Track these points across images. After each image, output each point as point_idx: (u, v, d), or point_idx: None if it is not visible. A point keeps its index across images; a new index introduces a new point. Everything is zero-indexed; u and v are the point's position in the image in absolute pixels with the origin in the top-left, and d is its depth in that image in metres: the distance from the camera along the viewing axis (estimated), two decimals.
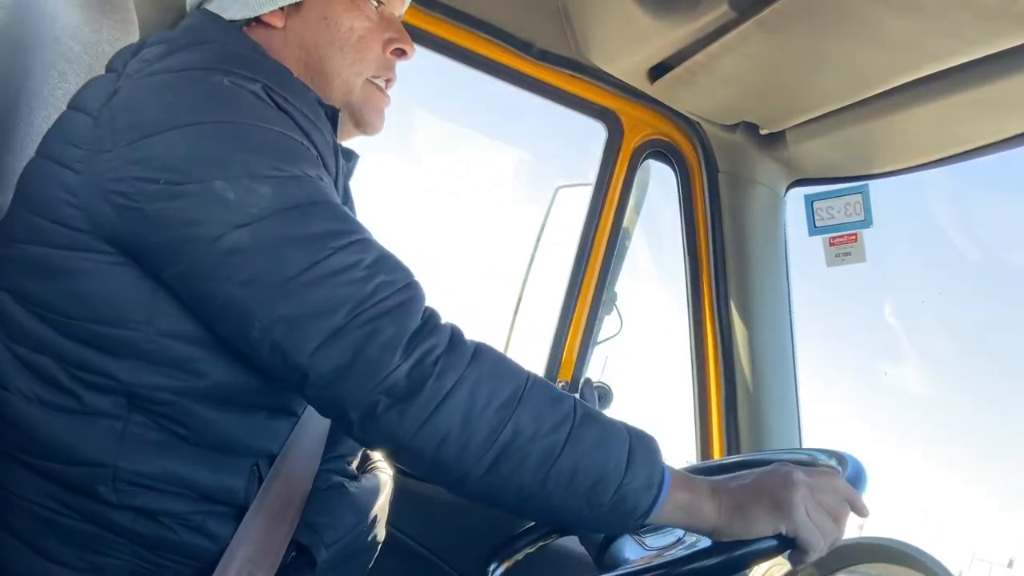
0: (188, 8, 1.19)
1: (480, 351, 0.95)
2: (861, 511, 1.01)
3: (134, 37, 1.40)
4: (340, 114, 1.15)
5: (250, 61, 1.05)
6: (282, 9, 1.14)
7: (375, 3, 1.19)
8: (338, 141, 1.15)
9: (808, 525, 0.95)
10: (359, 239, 0.95)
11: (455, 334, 0.95)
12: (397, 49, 1.21)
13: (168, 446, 0.98)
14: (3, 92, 1.09)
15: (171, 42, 1.05)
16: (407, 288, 0.95)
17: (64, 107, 1.22)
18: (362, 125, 1.22)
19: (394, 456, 0.97)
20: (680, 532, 1.24)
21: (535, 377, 0.97)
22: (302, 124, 1.02)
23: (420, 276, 1.00)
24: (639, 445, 0.98)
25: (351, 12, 1.16)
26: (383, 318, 0.91)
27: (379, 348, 0.90)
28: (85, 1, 1.26)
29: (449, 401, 0.91)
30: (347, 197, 1.16)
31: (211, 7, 1.15)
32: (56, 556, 0.97)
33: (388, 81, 1.22)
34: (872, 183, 1.83)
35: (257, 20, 1.14)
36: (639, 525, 0.99)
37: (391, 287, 0.93)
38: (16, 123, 1.13)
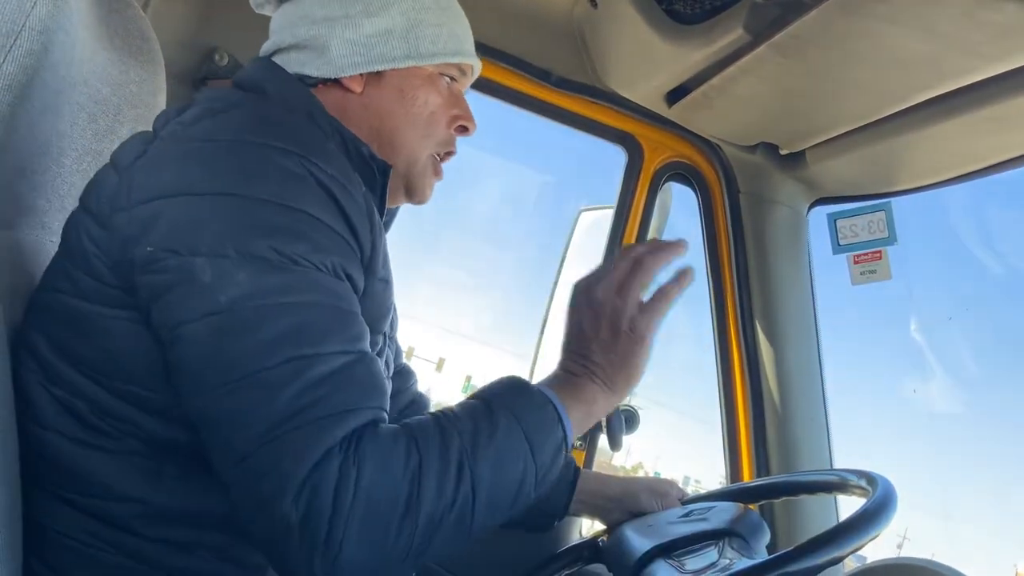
0: (261, 52, 1.22)
1: (363, 466, 0.87)
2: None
3: (161, 78, 1.43)
4: (391, 172, 1.16)
5: (283, 126, 1.04)
6: (362, 75, 1.18)
7: (447, 80, 1.23)
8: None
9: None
10: (313, 354, 0.90)
11: (345, 462, 0.87)
12: (461, 126, 1.26)
13: (201, 482, 0.99)
14: (35, 135, 1.12)
15: (211, 103, 1.07)
16: (337, 417, 0.89)
17: (93, 148, 1.26)
18: (413, 195, 1.26)
19: None
20: (715, 556, 1.22)
21: (422, 447, 0.91)
22: (334, 190, 0.99)
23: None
24: (532, 425, 0.97)
25: (427, 88, 1.20)
26: (291, 439, 0.86)
27: (276, 483, 0.85)
28: (113, 44, 1.29)
29: (347, 546, 0.85)
30: (379, 254, 1.10)
31: (287, 59, 1.18)
32: None
33: (449, 154, 1.27)
34: (895, 200, 1.82)
35: (335, 81, 1.17)
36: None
37: (315, 409, 0.88)
38: (47, 165, 1.16)
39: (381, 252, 1.09)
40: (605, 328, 1.05)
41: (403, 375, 1.54)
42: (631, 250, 1.10)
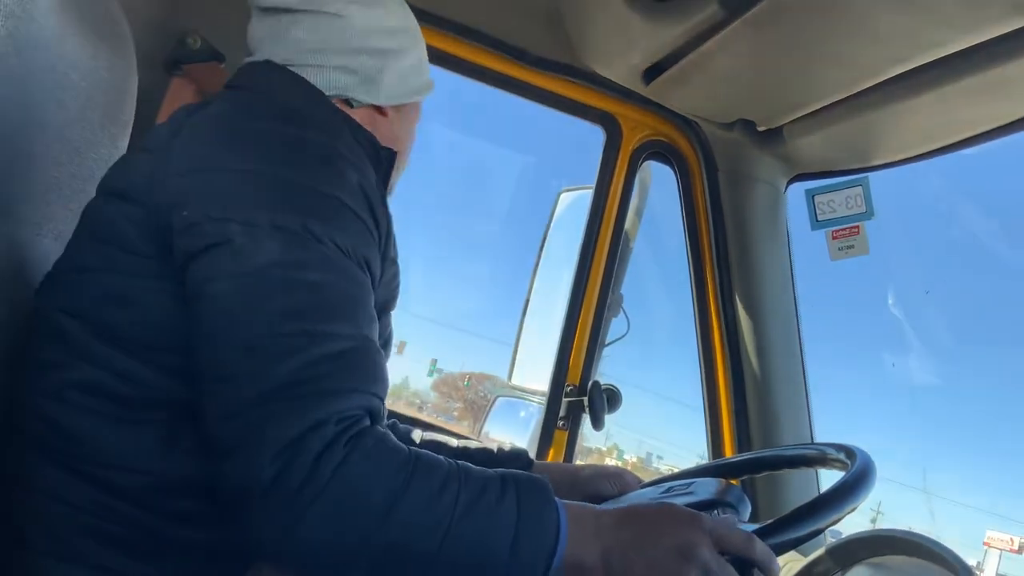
0: (269, 56, 1.22)
1: (354, 453, 0.89)
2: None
3: (131, 63, 1.41)
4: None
5: (315, 115, 1.15)
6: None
7: None
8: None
9: None
10: (323, 332, 0.94)
11: (337, 440, 0.89)
12: None
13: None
14: (1, 123, 1.10)
15: (236, 93, 1.18)
16: (333, 394, 0.91)
17: (63, 135, 1.24)
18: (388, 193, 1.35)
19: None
20: None
21: (415, 468, 0.92)
22: (359, 179, 1.06)
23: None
24: (527, 526, 0.93)
25: (418, 114, 1.37)
26: (284, 407, 0.89)
27: (261, 441, 0.88)
28: (81, 29, 1.27)
29: (310, 518, 0.87)
30: (391, 237, 1.18)
31: (322, 76, 1.21)
32: (96, 561, 0.99)
33: None
34: (872, 174, 1.83)
35: (373, 105, 1.27)
36: None
37: (315, 384, 0.91)
38: (16, 153, 1.14)
39: (392, 235, 1.16)
40: (672, 559, 0.95)
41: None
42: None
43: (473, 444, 1.48)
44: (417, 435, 1.46)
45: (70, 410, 1.01)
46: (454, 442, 1.47)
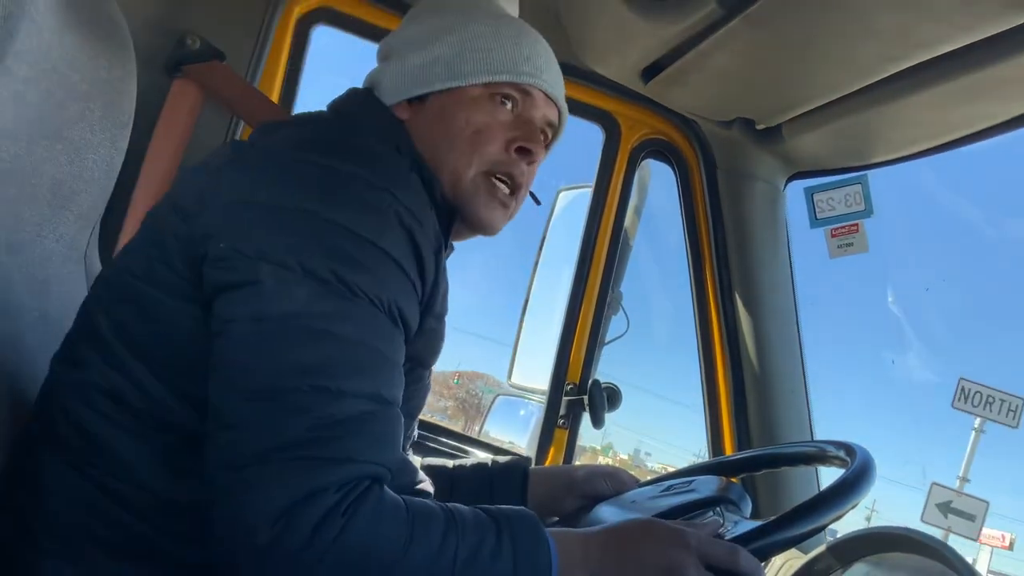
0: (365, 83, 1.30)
1: (355, 519, 0.89)
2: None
3: (131, 64, 1.40)
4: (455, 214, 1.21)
5: (374, 156, 1.09)
6: (410, 103, 1.23)
7: (509, 105, 1.23)
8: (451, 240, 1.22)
9: None
10: (340, 390, 0.92)
11: (337, 507, 0.89)
12: (520, 148, 1.21)
13: None
14: (3, 124, 1.10)
15: (306, 122, 1.19)
16: (339, 462, 0.90)
17: (64, 135, 1.24)
18: (475, 225, 1.24)
19: None
20: (720, 521, 1.22)
21: (413, 529, 0.92)
22: (411, 227, 1.02)
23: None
24: (524, 573, 0.95)
25: (470, 108, 1.21)
26: (287, 468, 0.89)
27: (260, 500, 0.88)
28: (80, 29, 1.26)
29: None
30: (440, 291, 1.13)
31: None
32: (100, 566, 0.99)
33: (511, 179, 1.23)
34: (871, 172, 1.83)
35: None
36: None
37: (322, 448, 0.90)
38: (17, 153, 1.14)
39: (442, 289, 1.13)
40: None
41: None
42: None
43: (469, 461, 1.48)
44: (416, 461, 1.45)
45: (91, 411, 1.01)
46: (451, 464, 1.47)
